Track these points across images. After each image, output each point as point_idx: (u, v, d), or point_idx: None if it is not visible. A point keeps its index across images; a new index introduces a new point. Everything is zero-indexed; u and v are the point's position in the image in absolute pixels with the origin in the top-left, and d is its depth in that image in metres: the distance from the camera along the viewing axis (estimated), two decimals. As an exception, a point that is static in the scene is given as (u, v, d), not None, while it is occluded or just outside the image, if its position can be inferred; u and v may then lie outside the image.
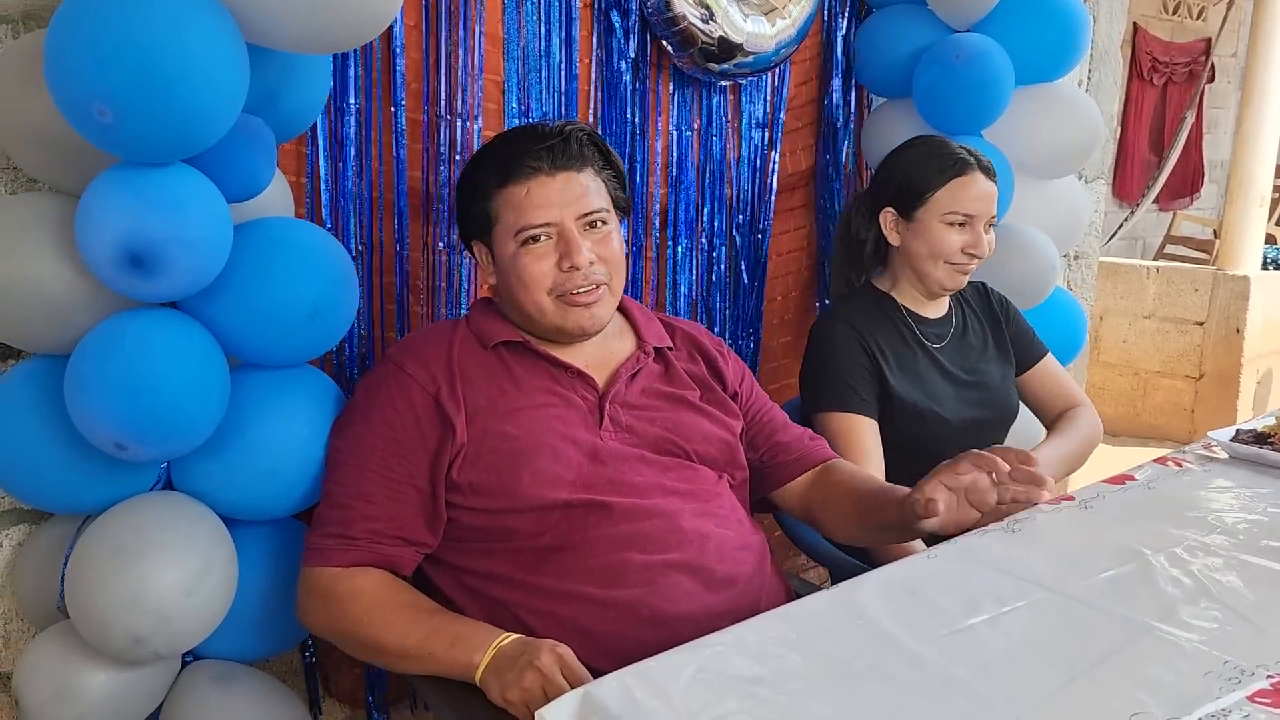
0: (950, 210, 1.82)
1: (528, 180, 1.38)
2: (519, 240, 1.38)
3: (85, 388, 1.24)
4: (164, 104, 1.13)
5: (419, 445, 1.34)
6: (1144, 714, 0.89)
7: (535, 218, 1.37)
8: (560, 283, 1.38)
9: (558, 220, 1.38)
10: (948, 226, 1.82)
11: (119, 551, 1.29)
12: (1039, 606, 1.09)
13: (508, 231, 1.39)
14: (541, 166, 1.38)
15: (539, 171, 1.38)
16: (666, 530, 1.34)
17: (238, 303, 1.33)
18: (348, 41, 1.35)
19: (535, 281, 1.38)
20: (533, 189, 1.37)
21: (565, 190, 1.38)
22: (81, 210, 1.21)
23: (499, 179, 1.39)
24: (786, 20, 1.99)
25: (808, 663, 0.95)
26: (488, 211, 1.41)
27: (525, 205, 1.37)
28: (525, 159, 1.38)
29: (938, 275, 1.85)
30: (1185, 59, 7.55)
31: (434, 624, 1.26)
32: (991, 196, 1.83)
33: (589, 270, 1.38)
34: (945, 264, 1.83)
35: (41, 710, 1.34)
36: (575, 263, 1.37)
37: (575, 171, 1.39)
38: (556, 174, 1.38)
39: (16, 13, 1.35)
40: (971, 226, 1.82)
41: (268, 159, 1.34)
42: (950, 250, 1.82)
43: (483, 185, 1.41)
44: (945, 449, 1.81)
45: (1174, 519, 1.37)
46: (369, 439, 1.36)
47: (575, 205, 1.38)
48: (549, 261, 1.38)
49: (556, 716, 0.83)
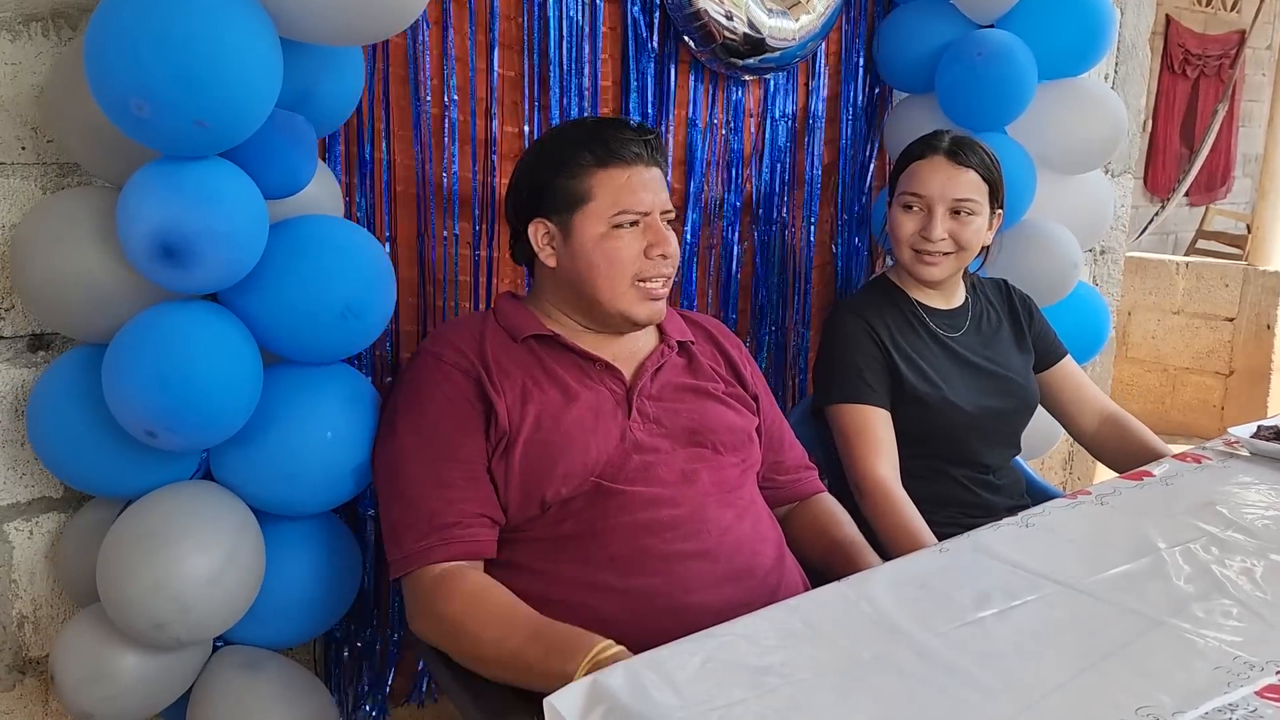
0: (903, 191, 1.82)
1: (630, 166, 1.40)
2: (613, 223, 1.40)
3: (119, 374, 1.28)
4: (199, 99, 1.16)
5: (476, 427, 1.36)
6: (1150, 707, 0.90)
7: (635, 204, 1.40)
8: (644, 270, 1.41)
9: (650, 209, 1.41)
10: (902, 210, 1.81)
11: (147, 537, 1.32)
12: (1049, 601, 1.10)
13: (601, 212, 1.40)
14: (643, 155, 1.42)
15: (640, 160, 1.41)
16: (688, 519, 1.36)
17: (271, 298, 1.36)
18: (379, 32, 1.38)
19: (623, 265, 1.40)
20: (633, 176, 1.40)
21: (657, 183, 1.44)
22: (121, 202, 1.25)
23: (600, 159, 1.40)
24: (810, 15, 1.99)
25: (815, 653, 0.96)
26: (580, 189, 1.40)
27: (624, 190, 1.40)
28: (630, 145, 1.41)
29: (905, 261, 1.84)
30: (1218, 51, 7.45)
31: (529, 630, 1.22)
32: (952, 181, 1.77)
33: (674, 260, 1.43)
34: (908, 250, 1.82)
35: (76, 690, 1.38)
36: (666, 251, 1.41)
37: (660, 170, 1.45)
38: (652, 167, 1.43)
39: (46, 10, 1.38)
40: (927, 211, 1.79)
41: (307, 154, 1.36)
42: (904, 234, 1.81)
43: (580, 162, 1.41)
44: (962, 438, 1.83)
45: (1191, 515, 1.38)
46: (430, 431, 1.36)
47: (662, 200, 1.44)
48: (637, 246, 1.41)
49: (565, 704, 0.85)
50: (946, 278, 1.85)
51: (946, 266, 1.82)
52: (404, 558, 1.32)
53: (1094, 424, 1.98)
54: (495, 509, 1.35)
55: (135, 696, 1.40)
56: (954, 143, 1.80)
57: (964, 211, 1.79)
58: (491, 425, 1.36)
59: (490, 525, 1.35)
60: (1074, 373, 2.01)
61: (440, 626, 1.28)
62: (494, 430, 1.36)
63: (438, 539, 1.31)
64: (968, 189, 1.79)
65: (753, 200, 2.17)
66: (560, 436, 1.36)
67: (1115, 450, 1.94)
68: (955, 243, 1.79)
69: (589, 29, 1.85)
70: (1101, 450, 1.98)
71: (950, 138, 1.81)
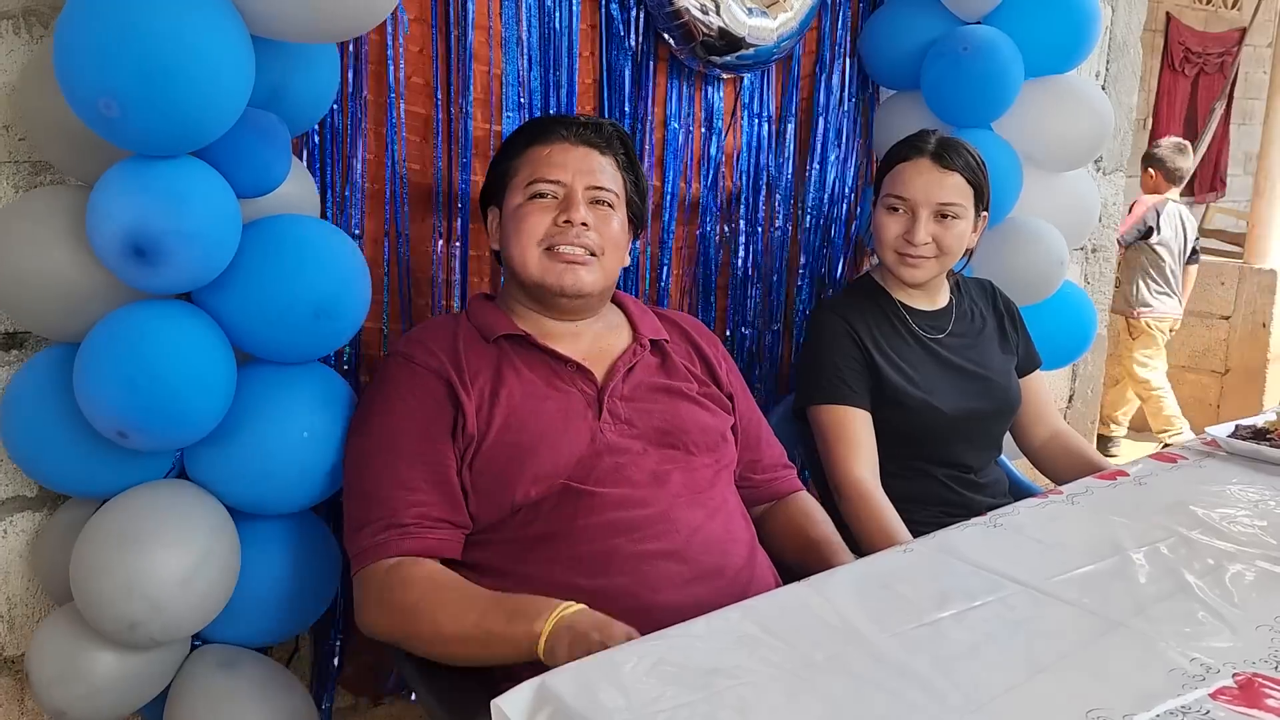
0: (887, 194, 1.82)
1: (551, 143, 1.47)
2: (527, 193, 1.45)
3: (90, 374, 1.28)
4: (167, 97, 1.16)
5: (443, 430, 1.36)
6: (1101, 710, 0.90)
7: (548, 174, 1.45)
8: (552, 235, 1.43)
9: (568, 182, 1.44)
10: (886, 211, 1.81)
11: (119, 536, 1.32)
12: (1009, 601, 1.09)
13: (520, 184, 1.46)
14: (569, 135, 1.47)
15: (565, 139, 1.47)
16: (657, 519, 1.36)
17: (244, 298, 1.36)
18: (349, 30, 1.37)
19: (530, 231, 1.44)
20: (554, 151, 1.46)
21: (583, 160, 1.46)
22: (91, 201, 1.25)
23: (527, 140, 1.49)
24: (788, 13, 1.98)
25: (769, 654, 0.95)
26: (508, 168, 1.49)
27: (542, 162, 1.46)
28: (557, 127, 1.49)
29: (888, 263, 1.84)
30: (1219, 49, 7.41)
31: (489, 601, 1.22)
32: (936, 185, 1.77)
33: (581, 231, 1.43)
34: (892, 252, 1.82)
35: (50, 688, 1.38)
36: (570, 217, 1.43)
37: (597, 151, 1.48)
38: (579, 145, 1.47)
39: (17, 9, 1.39)
40: (911, 214, 1.79)
41: (280, 153, 1.36)
42: (888, 237, 1.81)
43: (513, 146, 1.51)
44: (944, 439, 1.83)
45: (1162, 515, 1.37)
46: (395, 431, 1.37)
47: (587, 176, 1.46)
48: (548, 216, 1.44)
49: (511, 707, 0.84)
50: (929, 279, 1.85)
51: (929, 269, 1.82)
52: (359, 552, 1.32)
53: (1044, 437, 1.99)
54: (460, 513, 1.35)
55: (110, 695, 1.40)
56: (940, 145, 1.79)
57: (948, 215, 1.79)
58: (459, 428, 1.36)
59: (451, 528, 1.34)
60: (1041, 387, 2.02)
61: (394, 617, 1.27)
62: (462, 434, 1.36)
63: (394, 535, 1.31)
64: (952, 193, 1.78)
65: (730, 199, 2.16)
66: (529, 438, 1.36)
67: (1061, 463, 1.94)
68: (938, 246, 1.79)
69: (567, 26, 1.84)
70: (1046, 462, 1.99)
71: (936, 139, 1.81)
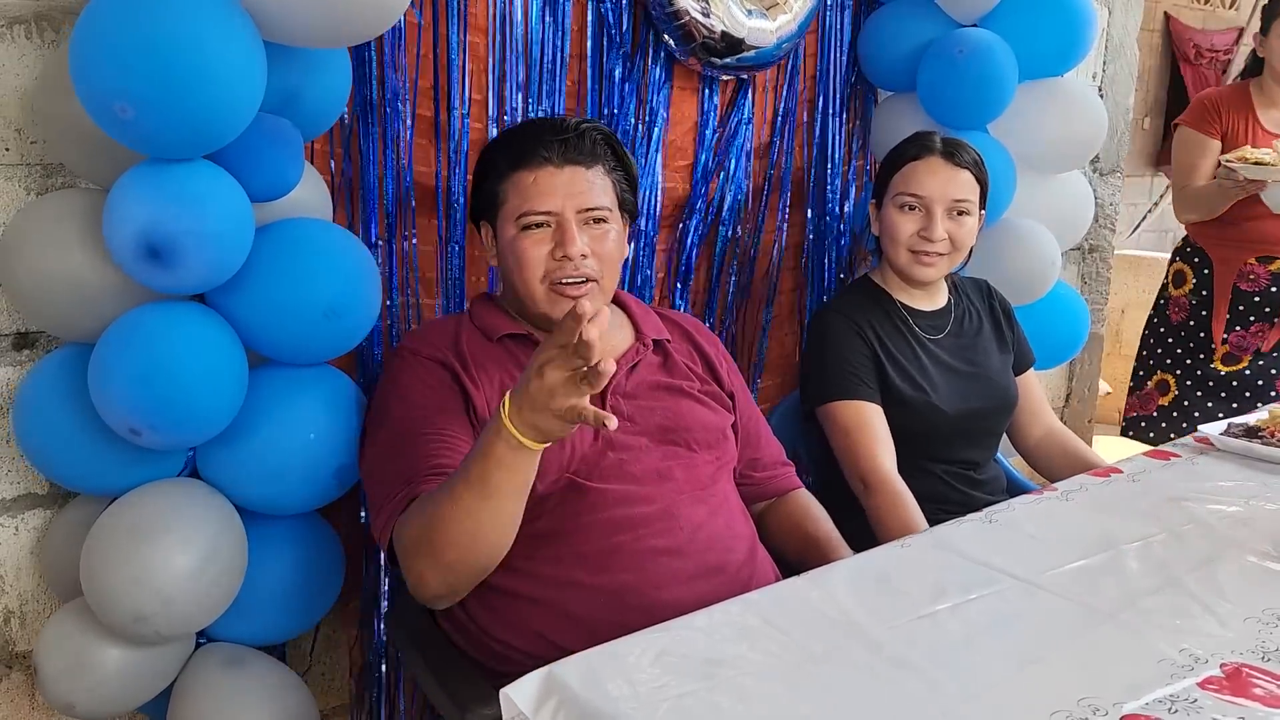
0: (900, 192, 1.83)
1: (536, 169, 1.43)
2: (519, 225, 1.43)
3: (104, 373, 1.31)
4: (181, 101, 1.19)
5: (457, 408, 1.38)
6: (1092, 698, 0.92)
7: (537, 204, 1.42)
8: (552, 271, 1.43)
9: (559, 210, 1.42)
10: (899, 210, 1.83)
11: (130, 531, 1.34)
12: (1004, 595, 1.12)
13: (511, 215, 1.44)
14: (552, 158, 1.43)
15: (548, 162, 1.43)
16: (660, 516, 1.38)
17: (255, 299, 1.38)
18: (361, 34, 1.40)
19: (530, 266, 1.43)
20: (540, 178, 1.43)
21: (571, 183, 1.43)
22: (108, 204, 1.27)
23: (510, 163, 1.45)
24: (787, 15, 2.00)
25: (769, 646, 0.98)
26: (496, 192, 1.46)
27: (530, 192, 1.43)
28: (538, 148, 1.43)
29: (901, 263, 1.85)
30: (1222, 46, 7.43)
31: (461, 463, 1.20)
32: (950, 182, 1.80)
33: (580, 263, 1.42)
34: (905, 251, 1.84)
35: (57, 680, 1.40)
36: (568, 252, 1.42)
37: (584, 167, 1.45)
38: (565, 167, 1.43)
39: (29, 13, 1.41)
40: (926, 212, 1.81)
41: (293, 157, 1.38)
42: (903, 235, 1.82)
43: (495, 166, 1.47)
44: (944, 438, 1.85)
45: (1155, 511, 1.39)
46: (410, 420, 1.37)
47: (578, 199, 1.43)
48: (544, 248, 1.43)
49: (520, 695, 0.87)
50: (940, 278, 1.88)
51: (942, 266, 1.85)
52: (384, 524, 1.31)
53: (1038, 435, 2.02)
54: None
55: (116, 688, 1.42)
56: (946, 143, 1.83)
57: (962, 211, 1.82)
58: (471, 412, 1.39)
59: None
60: (1035, 386, 2.05)
61: (423, 549, 1.23)
62: (475, 417, 1.38)
63: (408, 491, 1.29)
64: (964, 189, 1.82)
65: (726, 201, 2.17)
66: None
67: (1055, 460, 1.97)
68: (953, 243, 1.83)
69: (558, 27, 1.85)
70: (1040, 460, 2.02)
71: (941, 138, 1.84)
